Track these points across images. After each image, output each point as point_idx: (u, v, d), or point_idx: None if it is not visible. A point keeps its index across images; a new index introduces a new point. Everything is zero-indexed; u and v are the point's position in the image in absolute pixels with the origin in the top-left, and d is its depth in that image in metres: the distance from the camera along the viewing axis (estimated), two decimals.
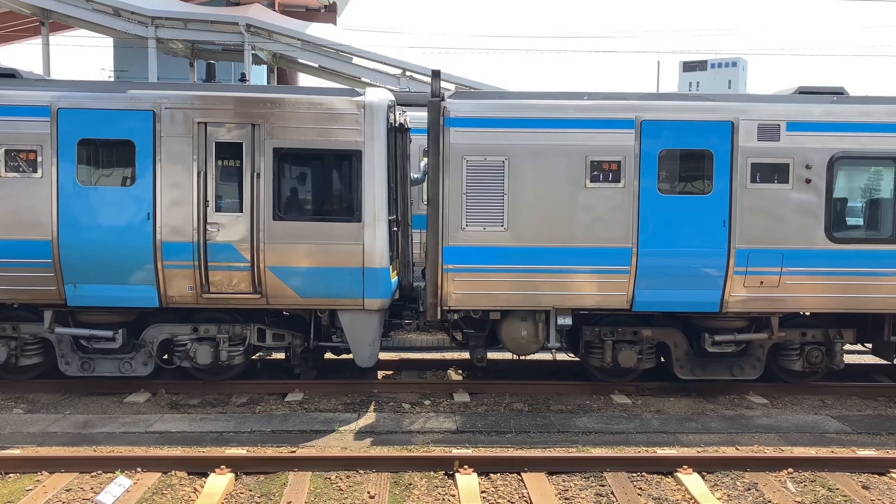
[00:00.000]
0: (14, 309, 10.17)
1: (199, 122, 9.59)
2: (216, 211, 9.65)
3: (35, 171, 9.52)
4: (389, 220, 9.91)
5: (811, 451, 8.24)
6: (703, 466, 7.61)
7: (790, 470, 7.61)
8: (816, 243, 9.81)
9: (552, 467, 7.58)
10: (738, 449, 8.34)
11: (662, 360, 10.81)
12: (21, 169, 9.52)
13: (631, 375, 10.78)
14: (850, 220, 10.24)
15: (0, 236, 9.49)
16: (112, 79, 31.77)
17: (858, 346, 11.14)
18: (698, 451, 8.17)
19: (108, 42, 32.10)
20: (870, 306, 10.03)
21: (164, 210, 9.55)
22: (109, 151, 9.70)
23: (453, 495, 7.02)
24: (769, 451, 8.25)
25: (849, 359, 11.48)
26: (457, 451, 7.93)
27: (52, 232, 9.49)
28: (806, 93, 10.26)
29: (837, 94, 10.19)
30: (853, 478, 7.51)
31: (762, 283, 9.84)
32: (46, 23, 26.29)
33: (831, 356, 10.51)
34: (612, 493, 7.12)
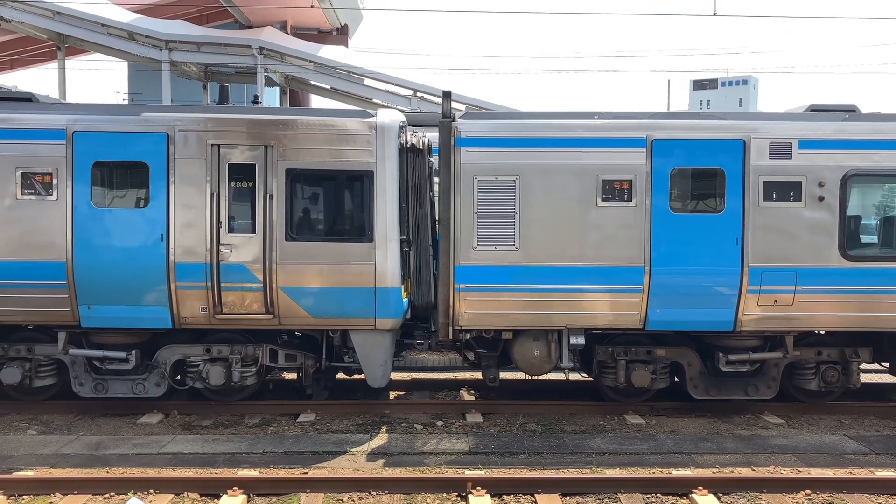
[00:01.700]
0: (28, 330, 10.24)
1: (212, 144, 9.68)
2: (229, 232, 9.70)
3: (50, 193, 9.61)
4: (401, 239, 9.93)
5: (829, 473, 8.14)
6: (719, 487, 7.53)
7: (808, 491, 7.51)
8: (830, 261, 9.74)
9: (566, 489, 7.52)
10: (754, 470, 8.25)
11: (676, 379, 10.73)
12: (37, 191, 9.62)
13: (644, 395, 10.71)
14: (865, 238, 10.17)
15: (16, 258, 9.57)
16: (126, 102, 32.13)
17: (875, 365, 11.03)
18: (714, 472, 8.08)
19: (123, 65, 32.51)
20: (886, 325, 9.93)
21: (177, 231, 9.61)
22: (124, 173, 9.79)
23: None
24: (786, 472, 8.16)
25: (865, 378, 11.37)
26: (470, 473, 7.89)
27: (67, 253, 9.56)
28: (818, 111, 10.25)
29: (849, 111, 10.16)
30: (872, 499, 7.40)
31: (776, 301, 9.77)
32: (63, 47, 26.68)
33: (847, 375, 10.40)
34: None
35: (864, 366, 10.69)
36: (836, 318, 9.91)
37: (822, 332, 10.40)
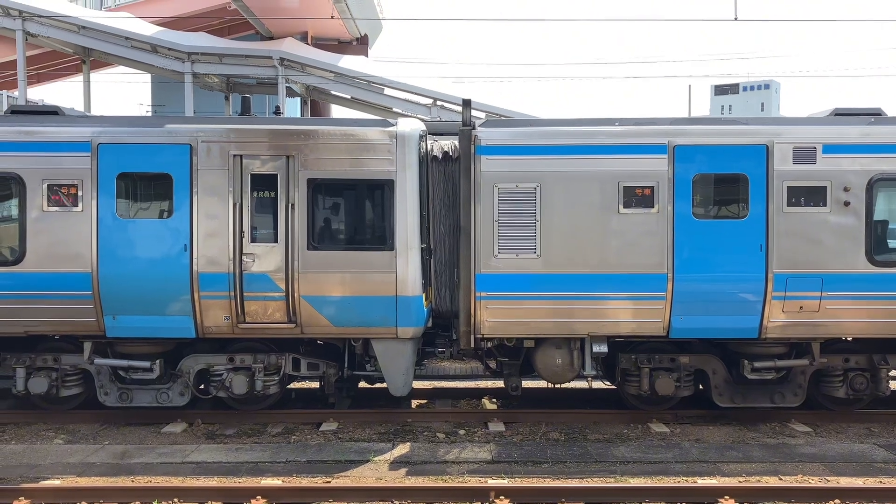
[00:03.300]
0: (55, 340, 10.35)
1: (234, 155, 9.75)
2: (251, 241, 9.77)
3: (76, 204, 9.73)
4: (422, 248, 9.94)
5: (858, 482, 8.00)
6: (746, 497, 7.43)
7: (837, 501, 7.39)
8: (857, 267, 9.61)
9: (590, 498, 7.45)
10: (781, 479, 8.13)
11: (701, 387, 10.62)
12: (62, 203, 9.74)
13: (669, 403, 10.60)
14: (893, 243, 10.01)
15: (42, 269, 9.70)
16: (150, 114, 32.50)
17: None
18: (740, 481, 7.98)
19: (146, 78, 32.88)
20: None
21: (200, 241, 9.68)
22: (147, 185, 9.90)
23: None
24: (814, 482, 8.02)
25: (895, 385, 11.17)
26: (493, 482, 7.85)
27: (92, 264, 9.66)
28: (842, 114, 10.13)
29: (875, 115, 10.04)
30: None
31: (801, 307, 9.65)
32: (87, 61, 27.05)
33: (876, 382, 10.24)
34: None
35: (893, 373, 10.51)
36: (864, 325, 9.77)
37: (850, 339, 10.25)
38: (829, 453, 9.01)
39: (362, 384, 11.26)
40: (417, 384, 12.18)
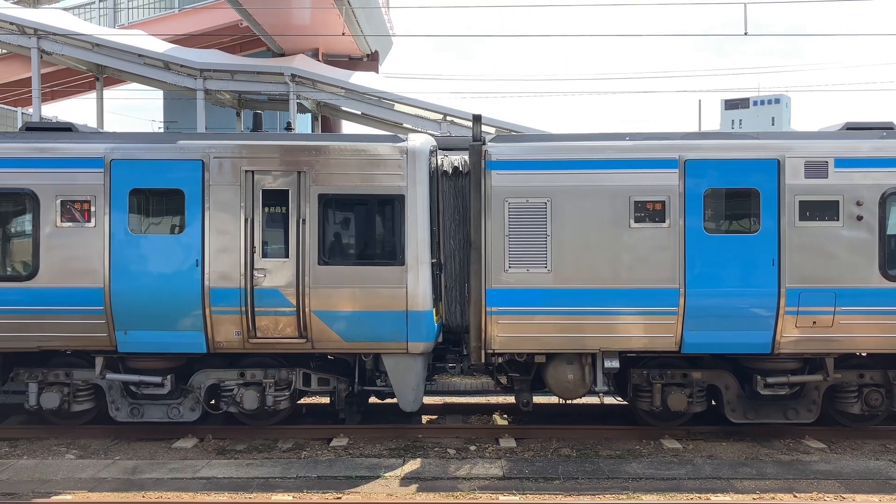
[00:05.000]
0: (67, 355, 10.39)
1: (246, 171, 9.81)
2: (263, 257, 9.80)
3: (89, 220, 9.80)
4: (432, 263, 9.95)
5: (874, 499, 7.92)
6: None
7: None
8: (871, 281, 9.55)
9: None
10: (796, 496, 8.04)
11: (713, 403, 10.54)
12: (75, 219, 9.81)
13: (681, 419, 10.53)
14: None
15: (55, 284, 9.75)
16: (162, 130, 32.74)
17: None
18: (754, 498, 7.91)
19: (158, 94, 33.16)
20: None
21: (212, 257, 9.72)
22: (160, 200, 9.97)
23: None
24: (829, 499, 7.94)
25: None
26: (504, 499, 7.80)
27: (105, 280, 9.71)
28: (854, 128, 10.11)
29: (887, 128, 10.01)
30: None
31: (815, 322, 9.58)
32: (101, 78, 27.33)
33: (891, 398, 10.13)
34: None
35: None
36: (879, 340, 9.69)
37: (864, 354, 10.16)
38: (845, 470, 8.91)
39: (372, 399, 11.24)
40: (428, 399, 12.13)
